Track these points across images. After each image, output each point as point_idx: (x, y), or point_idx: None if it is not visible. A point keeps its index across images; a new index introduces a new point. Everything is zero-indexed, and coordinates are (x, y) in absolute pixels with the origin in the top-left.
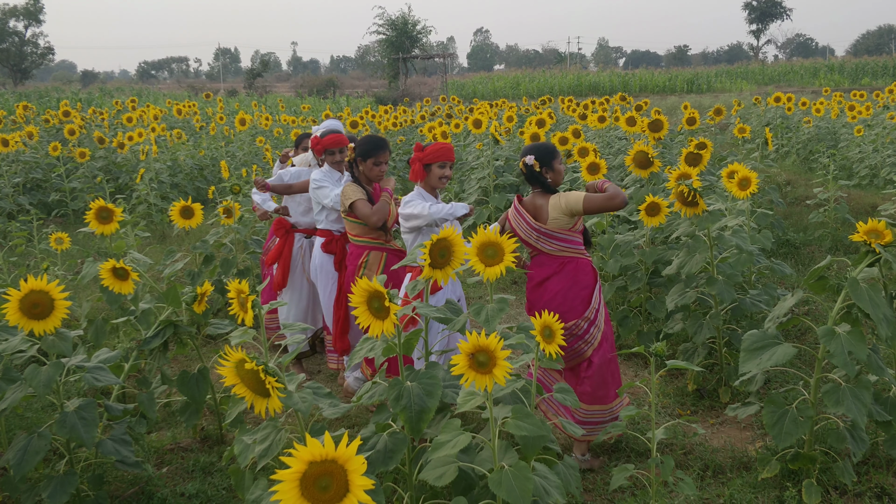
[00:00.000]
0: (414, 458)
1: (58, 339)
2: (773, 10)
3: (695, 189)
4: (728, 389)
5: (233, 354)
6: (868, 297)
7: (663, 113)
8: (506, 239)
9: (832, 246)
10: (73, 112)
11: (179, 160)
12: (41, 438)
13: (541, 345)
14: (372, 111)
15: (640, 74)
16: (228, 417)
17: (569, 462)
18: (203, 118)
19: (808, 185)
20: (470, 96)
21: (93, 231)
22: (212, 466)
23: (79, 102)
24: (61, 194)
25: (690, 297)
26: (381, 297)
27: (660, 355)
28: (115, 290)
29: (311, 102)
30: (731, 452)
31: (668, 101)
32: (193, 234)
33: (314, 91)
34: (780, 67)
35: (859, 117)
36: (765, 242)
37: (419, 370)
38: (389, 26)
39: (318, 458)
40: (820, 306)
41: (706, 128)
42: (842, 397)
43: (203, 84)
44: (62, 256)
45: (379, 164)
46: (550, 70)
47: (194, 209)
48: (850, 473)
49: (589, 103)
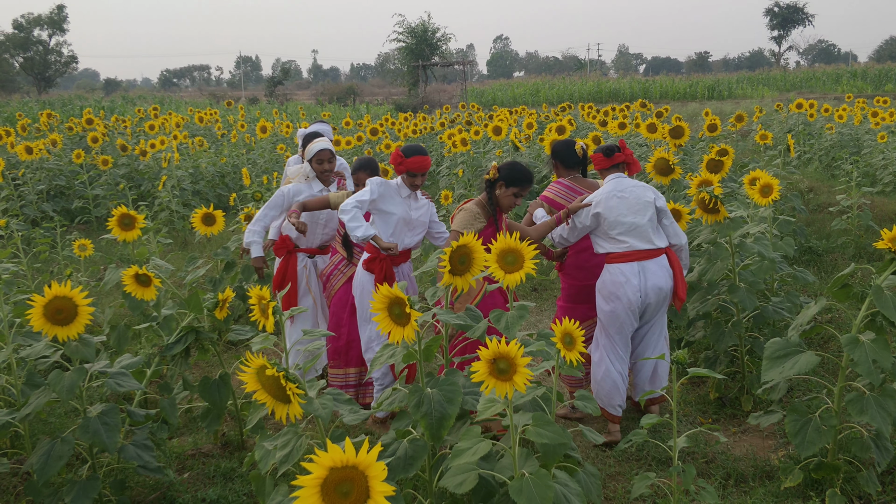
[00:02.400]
0: (434, 464)
1: (81, 344)
2: (795, 16)
3: (716, 196)
4: (750, 398)
5: (254, 360)
6: (893, 304)
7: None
8: (526, 245)
9: (855, 253)
10: (96, 120)
11: (201, 167)
12: (64, 443)
13: (561, 352)
14: (392, 119)
15: (661, 81)
16: (249, 423)
17: (589, 470)
18: (224, 126)
19: (830, 191)
20: (489, 103)
21: (115, 238)
22: (233, 472)
23: (102, 110)
24: (84, 201)
25: (712, 304)
26: (402, 303)
27: (681, 363)
28: (138, 296)
29: (332, 110)
30: (754, 461)
31: (689, 108)
32: (215, 241)
33: (334, 99)
34: (802, 74)
35: (883, 123)
36: (787, 250)
37: (439, 377)
38: (409, 34)
39: (339, 463)
40: (843, 314)
41: (727, 134)
42: (866, 406)
43: (224, 92)
44: (85, 263)
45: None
46: (570, 77)
47: (216, 216)
48: (875, 483)
49: (609, 110)
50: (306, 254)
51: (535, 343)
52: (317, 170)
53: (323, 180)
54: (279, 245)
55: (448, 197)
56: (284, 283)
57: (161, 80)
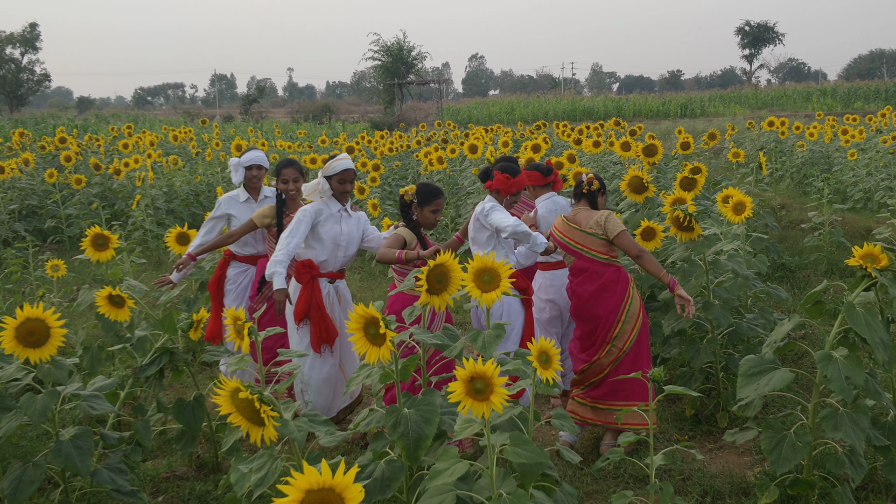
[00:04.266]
0: (411, 486)
1: (53, 367)
2: (765, 34)
3: (690, 214)
4: (726, 414)
5: (228, 383)
6: (865, 321)
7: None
8: (502, 265)
9: (827, 269)
10: (69, 138)
11: (175, 186)
12: (36, 468)
13: (538, 371)
14: (368, 136)
15: (634, 99)
16: (224, 445)
17: (567, 489)
18: (199, 144)
19: (802, 208)
20: (465, 121)
21: (89, 258)
22: (208, 495)
23: (75, 129)
24: (57, 221)
25: (687, 321)
26: (376, 323)
27: (657, 380)
28: (111, 317)
29: (307, 128)
30: (730, 478)
31: (662, 126)
32: None
33: (310, 116)
34: (773, 92)
35: (852, 141)
36: (760, 266)
37: (416, 397)
38: (385, 52)
39: (315, 486)
40: (817, 330)
41: (700, 152)
42: (840, 422)
43: (199, 110)
44: (58, 283)
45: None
46: (545, 95)
47: (190, 235)
48: (850, 499)
49: (584, 128)
50: (327, 279)
51: (512, 362)
52: (338, 189)
53: (342, 200)
54: (302, 270)
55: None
56: (311, 311)
57: (135, 98)
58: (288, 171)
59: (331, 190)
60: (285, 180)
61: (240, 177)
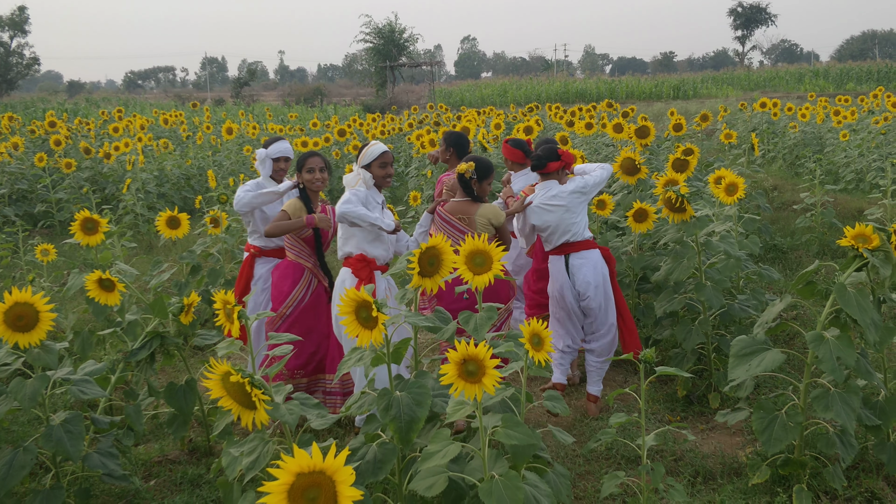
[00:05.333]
0: (404, 468)
1: (43, 351)
2: (758, 16)
3: (682, 195)
4: (718, 395)
5: (218, 367)
6: (856, 301)
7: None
8: (494, 247)
9: (819, 250)
10: (58, 123)
11: (166, 170)
12: (27, 452)
13: (530, 353)
14: (360, 119)
15: (627, 81)
16: (216, 429)
17: (559, 470)
18: (190, 128)
19: (794, 189)
20: (458, 104)
21: (78, 242)
22: (200, 479)
23: (65, 113)
24: (47, 205)
25: (679, 303)
26: (368, 306)
27: (648, 362)
28: (102, 301)
29: (299, 111)
30: (722, 458)
31: (655, 108)
32: (180, 245)
33: (302, 100)
34: (765, 73)
35: (844, 122)
36: (752, 248)
37: (408, 380)
38: (376, 34)
39: (305, 469)
40: (808, 311)
41: (693, 134)
42: (831, 402)
43: (190, 93)
44: (48, 268)
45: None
46: (538, 77)
47: (181, 219)
48: (840, 478)
49: (576, 110)
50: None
51: (504, 344)
52: (379, 175)
53: (384, 186)
54: (360, 265)
55: (417, 198)
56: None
57: (126, 81)
58: (314, 160)
59: (373, 178)
60: (311, 169)
61: (268, 169)
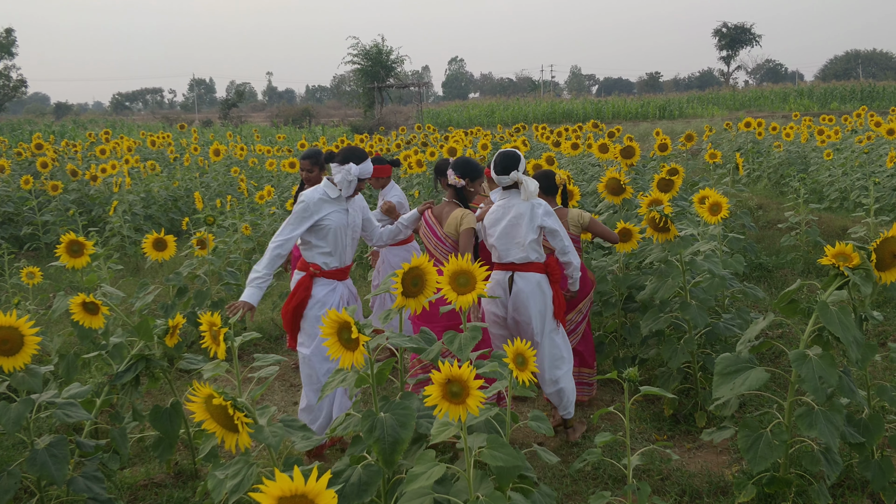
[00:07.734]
0: (389, 490)
1: (28, 375)
2: (742, 36)
3: (666, 215)
4: (704, 414)
5: (201, 389)
6: (838, 320)
7: (635, 139)
8: (478, 267)
9: (804, 269)
10: (45, 145)
11: (153, 192)
12: (11, 476)
13: (514, 372)
14: (348, 140)
15: (613, 101)
16: (202, 452)
17: (545, 490)
18: (177, 149)
19: (779, 208)
20: (445, 124)
21: (64, 265)
22: (186, 502)
23: (52, 135)
24: (33, 228)
25: (664, 322)
26: (349, 327)
27: (633, 381)
28: (86, 324)
29: (287, 132)
30: (708, 477)
31: (641, 128)
32: (167, 266)
33: (290, 120)
34: (750, 93)
35: (828, 141)
36: (737, 266)
37: (393, 401)
38: (364, 56)
39: (287, 493)
40: (793, 329)
41: (678, 153)
42: (815, 421)
43: (178, 115)
44: (34, 291)
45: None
46: (524, 98)
47: (167, 241)
48: (826, 496)
49: (562, 130)
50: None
51: (488, 364)
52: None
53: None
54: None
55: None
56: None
57: (113, 103)
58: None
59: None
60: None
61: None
